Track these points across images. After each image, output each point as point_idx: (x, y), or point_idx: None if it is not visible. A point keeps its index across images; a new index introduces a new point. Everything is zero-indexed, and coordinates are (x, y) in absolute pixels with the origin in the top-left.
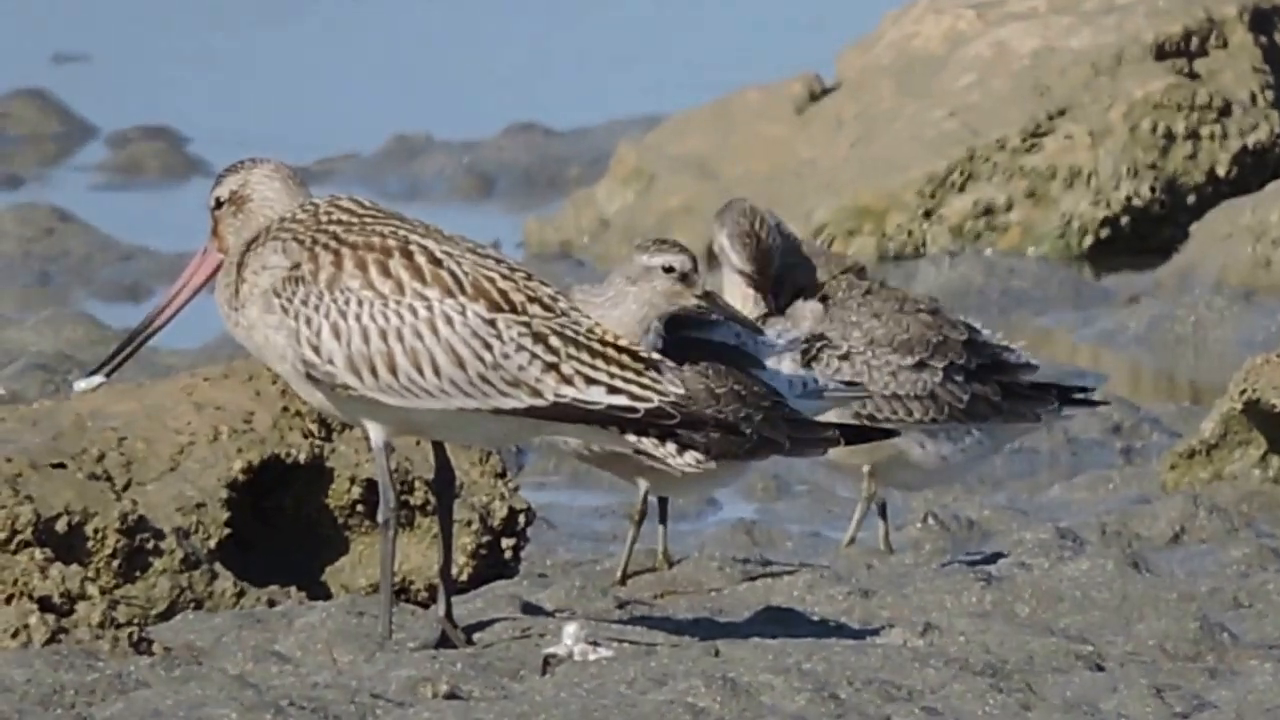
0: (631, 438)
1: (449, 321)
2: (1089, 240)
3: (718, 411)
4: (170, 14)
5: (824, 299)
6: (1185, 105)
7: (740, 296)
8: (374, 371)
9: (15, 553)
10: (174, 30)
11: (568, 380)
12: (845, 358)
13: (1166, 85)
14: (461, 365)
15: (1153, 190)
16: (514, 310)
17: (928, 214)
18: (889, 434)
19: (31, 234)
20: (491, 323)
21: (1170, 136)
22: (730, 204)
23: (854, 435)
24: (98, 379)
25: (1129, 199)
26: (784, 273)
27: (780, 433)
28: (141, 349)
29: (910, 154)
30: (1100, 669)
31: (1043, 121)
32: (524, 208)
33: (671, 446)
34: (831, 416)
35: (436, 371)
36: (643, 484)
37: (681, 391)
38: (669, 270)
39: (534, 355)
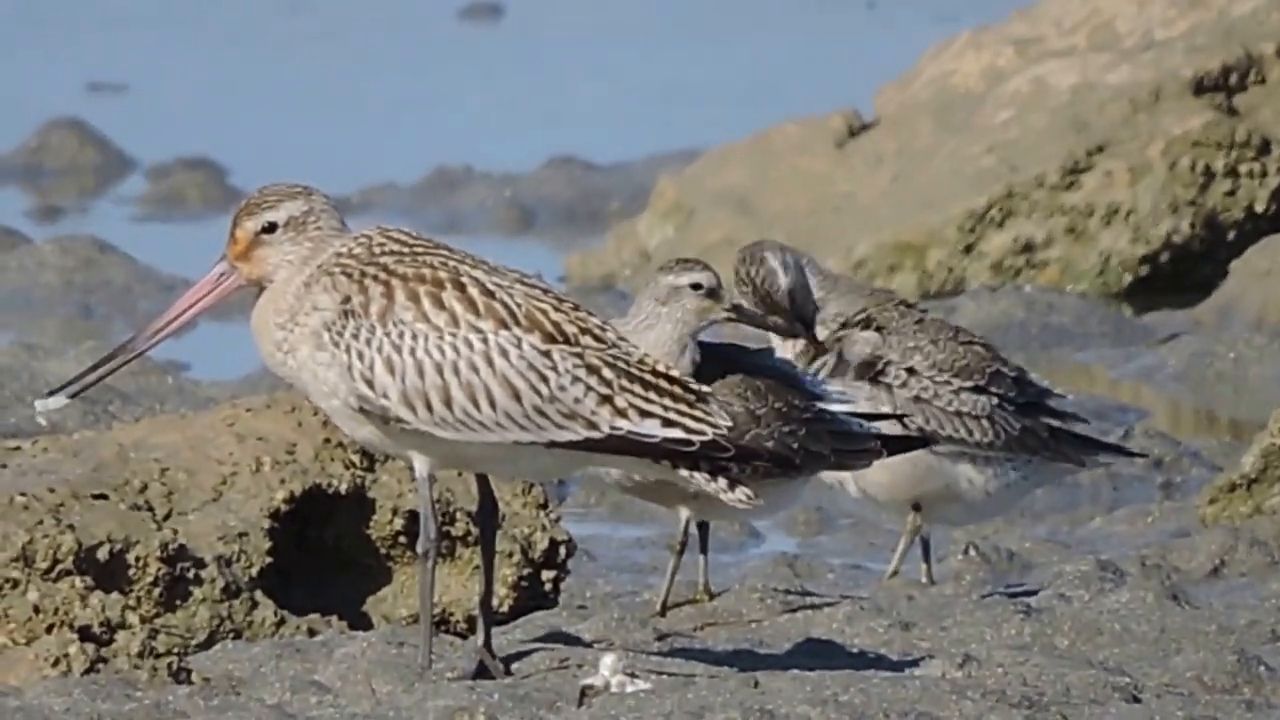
0: (684, 472)
1: (504, 354)
2: (1128, 277)
3: (768, 438)
4: (207, 44)
5: (879, 328)
6: (1224, 143)
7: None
8: (429, 405)
9: (56, 581)
10: (211, 61)
11: (622, 413)
12: (911, 372)
13: (1205, 122)
14: (518, 398)
15: (1192, 227)
16: (567, 341)
17: (968, 250)
18: (926, 443)
19: (72, 265)
20: (547, 354)
21: (1209, 173)
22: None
23: (894, 446)
24: (61, 400)
25: (1168, 236)
26: (805, 311)
27: (825, 445)
28: (118, 371)
29: (950, 190)
30: (1137, 700)
31: (1081, 158)
32: (564, 241)
33: (723, 481)
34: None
35: (492, 404)
36: (684, 512)
37: (732, 424)
38: (697, 287)
39: (589, 387)
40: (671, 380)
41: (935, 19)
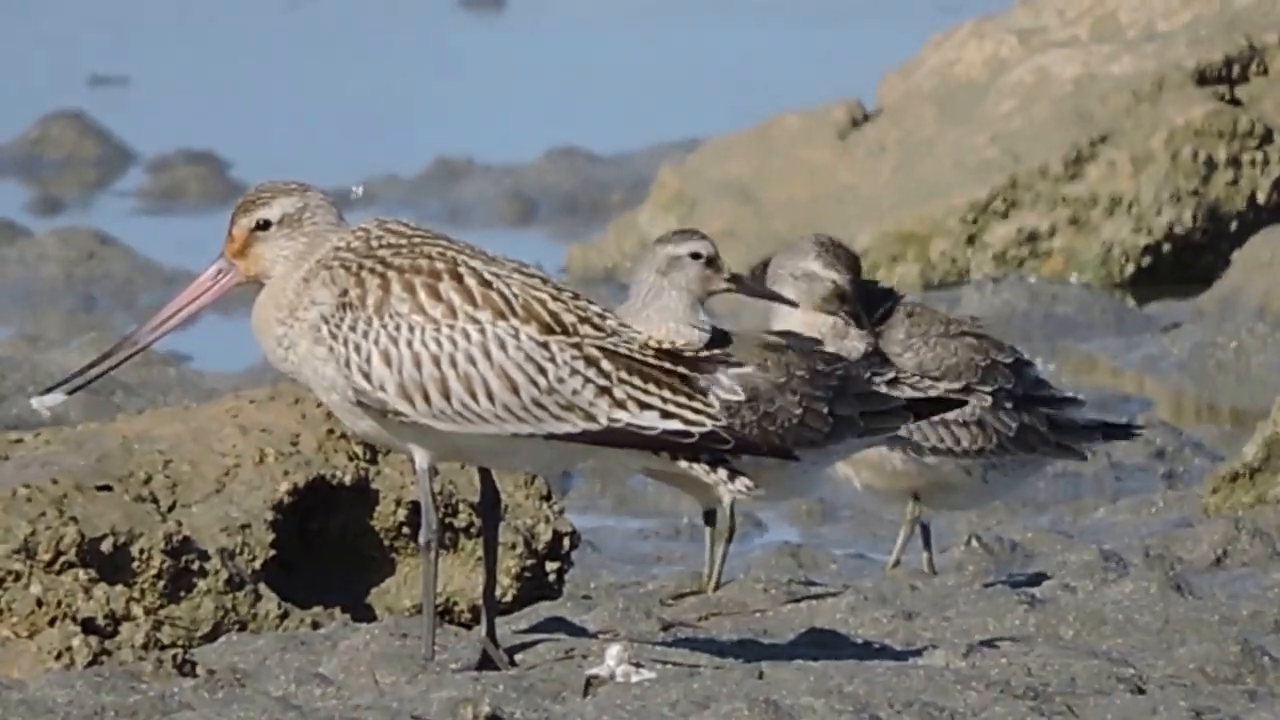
0: (683, 464)
1: (502, 345)
2: (1131, 267)
3: (795, 405)
4: (208, 37)
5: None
6: (1226, 132)
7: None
8: (426, 397)
9: (60, 574)
10: (212, 53)
11: (621, 404)
12: (893, 383)
13: (1208, 112)
14: (515, 390)
15: (1194, 217)
16: (565, 332)
17: (971, 240)
18: (960, 404)
19: (73, 257)
20: (544, 345)
21: (1212, 164)
22: (797, 240)
23: (922, 409)
24: (59, 396)
25: (1171, 226)
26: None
27: (854, 409)
28: (114, 369)
29: (952, 180)
30: (1141, 691)
31: (1084, 149)
32: (565, 232)
33: (723, 472)
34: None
35: (490, 396)
36: (726, 498)
37: (754, 395)
38: (696, 256)
39: (587, 379)
40: (672, 371)
41: (938, 9)
